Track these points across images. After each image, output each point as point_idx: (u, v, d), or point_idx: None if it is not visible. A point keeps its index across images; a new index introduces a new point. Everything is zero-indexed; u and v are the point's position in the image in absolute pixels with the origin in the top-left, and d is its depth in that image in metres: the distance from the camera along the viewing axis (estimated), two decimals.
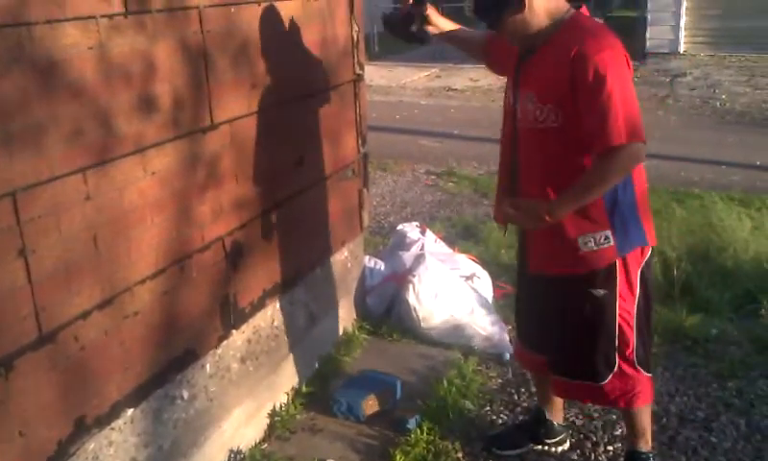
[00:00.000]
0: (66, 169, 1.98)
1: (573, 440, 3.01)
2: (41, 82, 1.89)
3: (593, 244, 2.38)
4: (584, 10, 2.43)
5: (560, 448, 2.95)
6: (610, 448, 2.96)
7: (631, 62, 2.31)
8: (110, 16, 2.09)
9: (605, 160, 2.23)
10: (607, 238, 2.38)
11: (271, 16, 2.85)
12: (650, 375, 2.62)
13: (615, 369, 2.53)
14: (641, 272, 2.48)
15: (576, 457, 2.92)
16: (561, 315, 2.56)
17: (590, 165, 2.29)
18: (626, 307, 2.49)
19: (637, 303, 2.51)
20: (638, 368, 2.55)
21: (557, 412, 2.96)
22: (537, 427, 2.96)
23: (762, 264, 4.48)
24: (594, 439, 3.02)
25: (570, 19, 2.34)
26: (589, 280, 2.45)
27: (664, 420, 3.14)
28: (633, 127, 2.19)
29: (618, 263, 2.42)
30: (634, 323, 2.51)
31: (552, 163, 2.39)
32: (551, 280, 2.53)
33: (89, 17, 2.02)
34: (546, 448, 2.95)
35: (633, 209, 2.41)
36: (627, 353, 2.53)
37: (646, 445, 2.70)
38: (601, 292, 2.45)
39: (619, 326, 2.49)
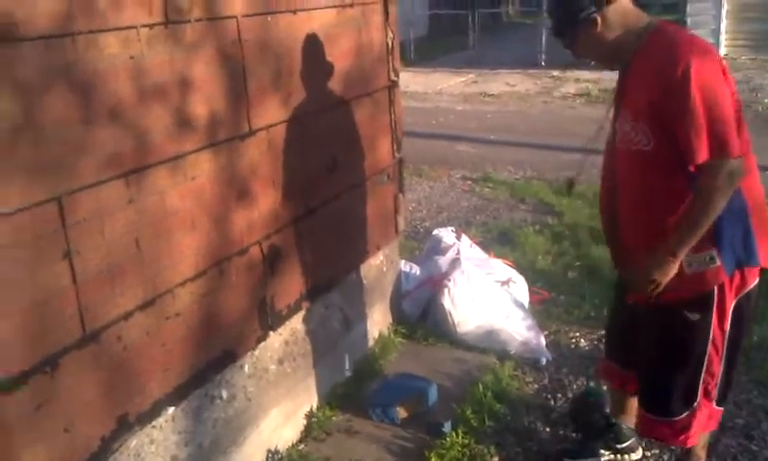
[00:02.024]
0: (109, 174, 2.04)
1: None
2: (85, 90, 1.96)
3: (698, 265, 2.23)
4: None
5: (633, 456, 2.87)
6: (648, 453, 2.93)
7: (727, 69, 2.16)
8: (150, 26, 2.15)
9: (699, 183, 2.13)
10: (712, 259, 2.21)
11: (306, 25, 2.90)
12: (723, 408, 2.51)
13: (695, 404, 2.40)
14: (739, 300, 2.29)
15: None
16: (651, 337, 2.44)
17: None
18: (720, 335, 2.32)
19: (729, 331, 2.33)
20: (715, 404, 2.42)
21: (628, 418, 2.83)
22: (606, 433, 2.87)
23: None
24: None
25: (656, 30, 2.23)
26: (686, 302, 2.30)
27: None
28: (720, 141, 2.07)
29: (725, 286, 2.26)
30: (723, 353, 2.35)
31: (645, 188, 2.28)
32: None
33: (130, 27, 2.08)
34: (619, 456, 2.86)
35: (742, 222, 2.22)
36: (710, 387, 2.39)
37: (698, 459, 2.63)
38: (696, 316, 2.29)
39: (709, 355, 2.33)
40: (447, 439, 2.94)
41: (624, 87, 2.32)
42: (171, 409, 2.35)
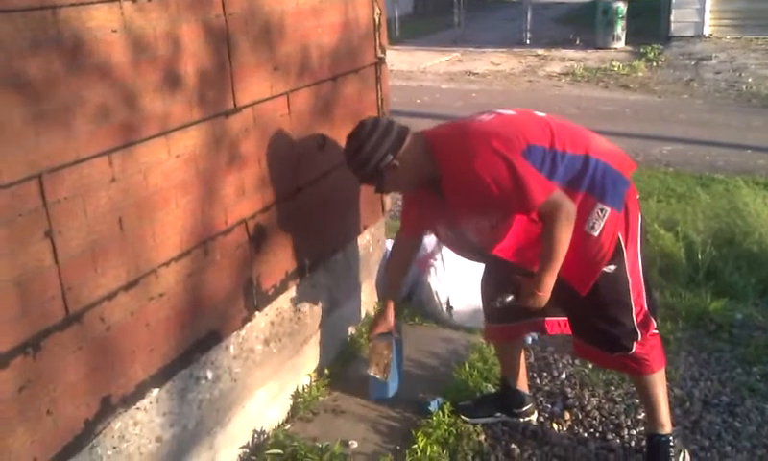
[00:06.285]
0: (92, 151, 2.00)
1: (596, 423, 3.00)
2: (66, 65, 1.90)
3: (599, 222, 2.41)
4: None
5: (527, 419, 3.02)
6: (633, 431, 2.95)
7: (507, 138, 2.37)
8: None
9: (544, 224, 2.37)
10: (603, 210, 2.41)
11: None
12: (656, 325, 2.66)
13: (639, 338, 2.56)
14: (641, 226, 2.53)
15: (599, 441, 2.91)
16: (574, 297, 2.53)
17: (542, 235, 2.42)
18: (636, 272, 2.52)
19: (641, 257, 2.54)
20: (651, 320, 2.60)
21: (522, 382, 3.04)
22: (505, 398, 3.04)
23: None
24: (618, 421, 3.01)
25: (435, 151, 2.47)
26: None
27: (688, 404, 3.12)
28: (541, 186, 2.32)
29: (621, 231, 2.45)
30: (642, 282, 2.56)
31: (525, 232, 2.50)
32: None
33: (114, 0, 2.03)
34: (516, 419, 3.02)
35: (605, 171, 2.44)
36: (639, 313, 2.55)
37: (666, 427, 2.70)
38: (612, 268, 2.47)
39: (633, 293, 2.52)
40: (434, 418, 2.95)
41: (449, 206, 2.53)
42: (155, 390, 2.32)
